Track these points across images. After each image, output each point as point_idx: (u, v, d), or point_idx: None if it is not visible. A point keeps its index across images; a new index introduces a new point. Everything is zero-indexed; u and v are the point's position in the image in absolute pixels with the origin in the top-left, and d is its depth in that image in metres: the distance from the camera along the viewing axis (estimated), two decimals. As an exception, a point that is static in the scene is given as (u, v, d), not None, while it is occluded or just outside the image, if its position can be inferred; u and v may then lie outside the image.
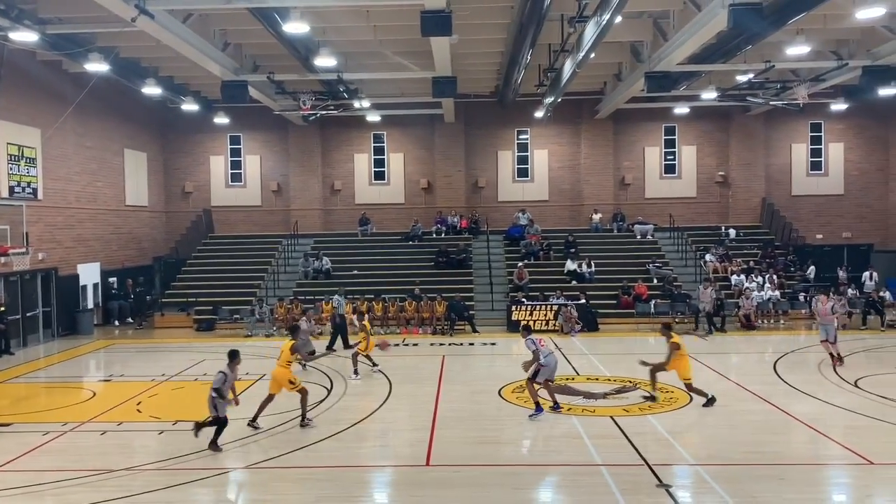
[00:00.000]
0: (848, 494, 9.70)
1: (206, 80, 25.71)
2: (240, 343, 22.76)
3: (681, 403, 14.19)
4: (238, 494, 10.23)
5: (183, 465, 10.80)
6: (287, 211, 33.43)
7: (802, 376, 16.46)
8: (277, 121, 31.76)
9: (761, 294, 25.47)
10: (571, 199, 33.37)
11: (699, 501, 9.42)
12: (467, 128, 33.12)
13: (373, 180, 33.82)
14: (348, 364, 18.92)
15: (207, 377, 17.39)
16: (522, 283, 26.66)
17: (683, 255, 29.56)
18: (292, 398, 14.89)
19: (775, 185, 33.11)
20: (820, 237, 32.77)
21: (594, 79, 29.06)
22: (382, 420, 13.50)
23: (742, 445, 11.52)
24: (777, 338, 22.85)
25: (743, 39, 19.05)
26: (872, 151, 32.89)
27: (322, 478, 10.26)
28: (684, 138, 33.24)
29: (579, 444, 11.67)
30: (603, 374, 17.29)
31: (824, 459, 11.07)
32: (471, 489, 9.74)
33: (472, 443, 11.88)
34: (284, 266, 29.65)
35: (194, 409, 14.17)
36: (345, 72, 23.57)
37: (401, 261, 29.64)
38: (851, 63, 22.61)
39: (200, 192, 33.74)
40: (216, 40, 21.28)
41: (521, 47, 20.11)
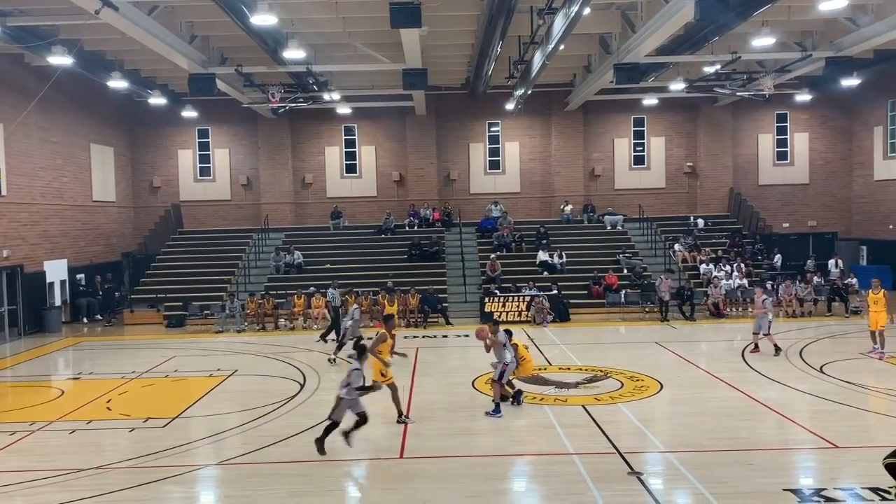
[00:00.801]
0: (814, 478, 9.91)
1: (174, 73, 25.41)
2: (210, 339, 22.72)
3: (651, 392, 14.38)
4: (210, 491, 10.17)
5: (155, 463, 10.71)
6: (257, 205, 33.16)
7: (770, 363, 16.76)
8: (246, 114, 31.46)
9: (729, 283, 25.83)
10: (543, 191, 33.54)
11: (670, 488, 9.55)
12: (439, 120, 33.10)
13: (344, 173, 33.67)
14: (323, 358, 18.90)
15: (178, 373, 17.35)
16: (495, 275, 26.77)
17: (653, 246, 29.87)
18: (269, 394, 14.86)
19: (742, 175, 33.57)
20: (786, 226, 33.32)
21: (564, 71, 29.20)
22: (356, 413, 13.46)
23: (711, 432, 11.71)
24: (745, 325, 23.12)
25: (710, 31, 19.26)
26: (836, 141, 33.47)
27: (296, 473, 10.24)
28: (653, 129, 33.55)
29: (552, 434, 11.78)
30: (575, 363, 17.44)
31: (791, 444, 11.29)
32: (444, 481, 9.78)
33: (445, 434, 11.93)
34: (255, 261, 29.45)
35: (165, 406, 14.09)
36: (314, 64, 23.42)
37: (374, 254, 29.58)
38: (815, 54, 22.97)
39: (169, 187, 33.34)
40: (183, 33, 21.01)
41: (491, 39, 20.13)
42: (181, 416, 13.39)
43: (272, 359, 19.04)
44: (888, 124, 30.69)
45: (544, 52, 20.20)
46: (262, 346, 20.99)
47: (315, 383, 15.83)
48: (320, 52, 23.91)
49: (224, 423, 12.75)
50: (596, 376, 15.78)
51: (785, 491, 9.05)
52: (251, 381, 16.53)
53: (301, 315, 24.52)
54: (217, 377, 16.73)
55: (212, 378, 16.66)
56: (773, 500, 8.81)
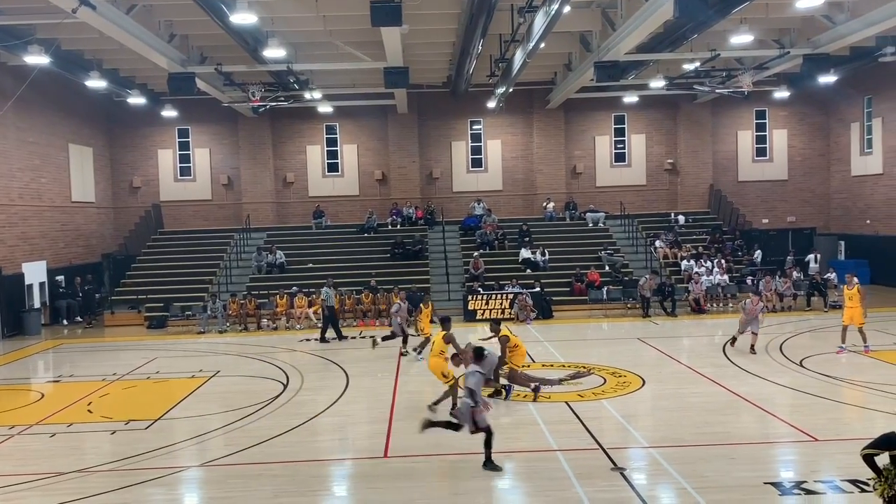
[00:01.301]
0: (795, 470, 10.02)
1: (153, 73, 25.19)
2: (192, 340, 22.58)
3: (634, 387, 14.47)
4: (194, 493, 10.11)
5: (137, 465, 10.63)
6: (238, 204, 32.98)
7: (750, 358, 16.91)
8: (227, 113, 31.28)
9: (710, 278, 26.03)
10: (525, 189, 33.62)
11: (653, 483, 9.63)
12: (421, 118, 33.08)
13: (326, 172, 33.56)
14: (306, 358, 18.89)
15: (160, 375, 17.24)
16: (478, 273, 26.80)
17: (634, 242, 30.04)
18: (252, 395, 14.80)
19: (722, 172, 33.83)
20: (766, 222, 33.64)
21: (545, 69, 29.28)
22: (340, 413, 13.47)
23: (693, 427, 11.81)
24: (726, 321, 23.37)
25: (689, 28, 19.41)
26: (814, 138, 33.83)
27: (279, 473, 10.20)
28: (634, 127, 33.73)
29: (536, 431, 11.82)
30: (558, 360, 17.52)
31: (772, 438, 11.41)
32: (429, 479, 9.80)
33: (430, 433, 11.89)
34: (237, 261, 29.29)
35: (147, 408, 13.99)
36: (294, 62, 23.31)
37: (356, 253, 29.52)
38: (793, 51, 23.20)
39: (149, 187, 33.07)
40: (161, 31, 20.85)
41: (472, 37, 20.13)
42: (163, 418, 13.30)
43: (255, 359, 18.96)
44: (864, 121, 31.06)
45: (525, 50, 20.25)
46: (244, 347, 20.89)
47: (298, 383, 15.78)
48: (301, 50, 23.81)
49: (207, 425, 12.67)
50: (579, 373, 15.81)
51: (766, 484, 9.15)
52: (234, 381, 16.45)
53: (283, 315, 24.42)
54: (199, 378, 16.63)
55: (194, 379, 16.56)
56: (755, 494, 8.91)
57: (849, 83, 29.46)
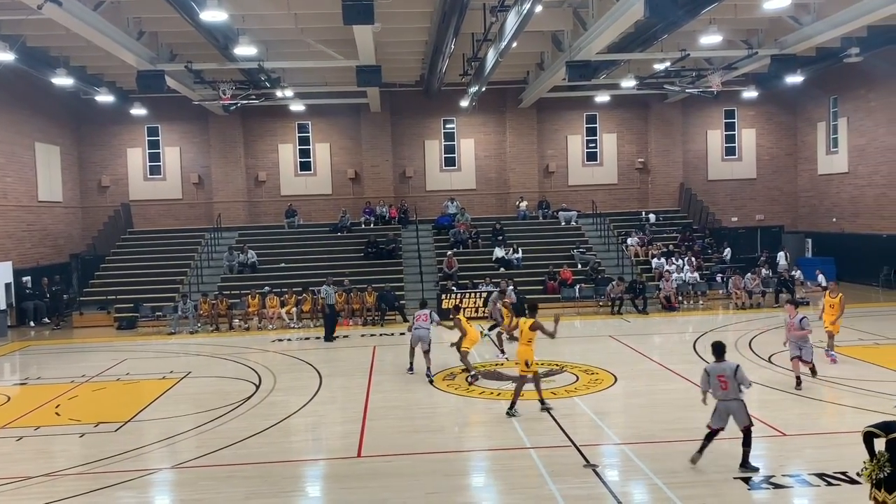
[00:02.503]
0: (764, 465, 10.13)
1: (121, 70, 24.83)
2: (163, 341, 22.34)
3: (606, 385, 14.58)
4: (165, 495, 10.00)
5: (107, 468, 10.49)
6: (209, 204, 32.66)
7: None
8: (197, 111, 30.94)
9: (681, 276, 26.32)
10: (498, 188, 33.71)
11: (625, 479, 9.71)
12: (394, 117, 33.01)
13: (298, 171, 33.36)
14: (278, 358, 18.79)
15: (130, 376, 17.02)
16: (452, 272, 26.83)
17: (606, 241, 30.27)
18: (224, 396, 14.67)
19: (692, 171, 34.21)
20: (735, 220, 34.09)
21: (517, 68, 29.38)
22: (312, 414, 13.40)
23: (664, 423, 11.94)
24: (696, 318, 23.69)
25: (659, 28, 19.60)
26: (782, 137, 34.33)
27: (251, 474, 10.13)
28: (605, 126, 33.98)
29: (509, 429, 11.86)
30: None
31: (741, 433, 11.54)
32: (402, 478, 9.79)
33: (403, 432, 11.93)
34: (208, 260, 29.00)
35: (117, 410, 13.82)
36: (266, 60, 23.15)
37: (329, 252, 29.40)
38: (761, 52, 23.52)
39: (118, 186, 32.62)
40: (130, 29, 20.58)
41: (444, 36, 20.15)
42: (133, 420, 13.15)
43: (227, 360, 18.79)
44: (830, 120, 31.60)
45: (497, 49, 20.31)
46: (216, 348, 20.70)
47: (270, 384, 15.67)
48: (272, 48, 23.64)
49: (178, 426, 12.55)
50: (552, 370, 15.94)
51: (736, 479, 9.28)
52: (205, 382, 16.30)
53: (255, 315, 24.24)
54: (170, 379, 16.46)
55: (165, 380, 16.38)
56: (725, 488, 9.03)
57: (815, 83, 29.99)
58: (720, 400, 9.78)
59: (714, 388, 9.80)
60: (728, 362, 9.90)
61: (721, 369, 9.82)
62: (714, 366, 9.93)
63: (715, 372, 9.83)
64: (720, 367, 9.86)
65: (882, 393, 12.51)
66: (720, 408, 9.79)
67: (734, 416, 9.70)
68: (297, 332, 22.96)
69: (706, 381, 9.93)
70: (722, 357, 9.98)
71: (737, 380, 9.67)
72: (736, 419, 9.69)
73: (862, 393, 13.06)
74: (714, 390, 9.80)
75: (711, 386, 9.85)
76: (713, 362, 10.02)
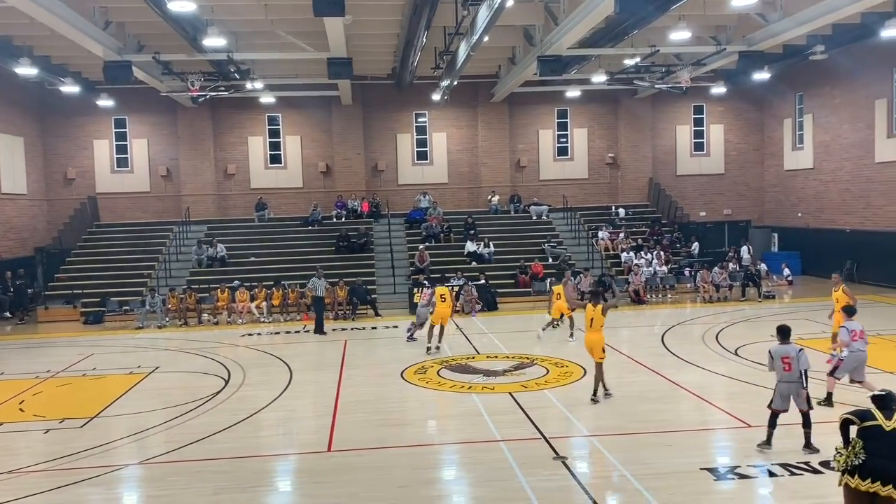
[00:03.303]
0: (729, 456, 10.32)
1: (87, 60, 24.41)
2: (130, 335, 22.06)
3: (576, 377, 14.70)
4: (132, 491, 9.89)
5: (72, 465, 10.34)
6: (178, 197, 32.26)
7: (688, 347, 17.36)
8: (165, 102, 30.51)
9: (649, 270, 26.60)
10: (470, 182, 33.74)
11: (594, 471, 9.82)
12: (365, 110, 32.85)
13: (269, 164, 33.07)
14: (248, 353, 18.67)
15: (96, 371, 16.79)
16: (424, 266, 26.82)
17: (576, 235, 30.49)
18: (192, 391, 14.54)
19: (661, 166, 34.54)
20: (703, 214, 34.50)
21: (489, 62, 29.41)
22: (282, 408, 13.33)
23: (633, 415, 12.06)
24: (665, 311, 23.98)
25: (629, 24, 19.75)
26: (749, 133, 34.80)
27: (220, 470, 10.05)
28: (576, 121, 34.16)
29: (480, 422, 11.91)
30: (502, 351, 17.68)
31: (708, 425, 11.76)
32: (373, 472, 9.79)
33: (374, 426, 11.92)
34: (177, 254, 28.68)
35: (83, 406, 13.62)
36: (235, 52, 22.88)
37: (300, 246, 29.23)
38: (729, 48, 23.80)
39: (84, 179, 32.06)
40: (97, 18, 20.19)
41: (416, 29, 20.11)
42: (100, 416, 12.98)
43: (195, 355, 18.61)
44: (796, 117, 32.10)
45: (469, 43, 20.29)
46: (184, 342, 20.49)
47: (240, 379, 15.55)
48: (242, 39, 23.39)
49: (145, 422, 12.41)
50: (523, 364, 16.03)
51: (702, 470, 9.42)
52: (173, 377, 16.15)
53: (225, 310, 24.03)
54: (137, 374, 16.26)
55: (132, 375, 16.18)
56: (691, 479, 9.16)
57: (782, 80, 30.43)
58: (783, 382, 9.92)
59: (778, 369, 9.95)
60: (792, 344, 10.08)
61: (785, 351, 9.98)
62: (779, 347, 10.09)
63: (779, 354, 9.99)
64: (784, 349, 10.01)
65: (846, 385, 12.75)
66: (782, 389, 9.94)
67: (794, 398, 9.87)
68: (268, 327, 22.82)
69: (771, 363, 10.10)
70: (787, 339, 10.15)
71: (800, 362, 9.84)
72: (796, 402, 9.87)
73: (825, 384, 13.29)
74: (778, 372, 9.96)
75: (775, 367, 9.99)
76: (777, 344, 10.17)
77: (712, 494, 8.81)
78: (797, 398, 9.89)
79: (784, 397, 9.94)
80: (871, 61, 26.22)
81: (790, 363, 9.87)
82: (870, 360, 14.13)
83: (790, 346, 10.06)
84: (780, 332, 10.32)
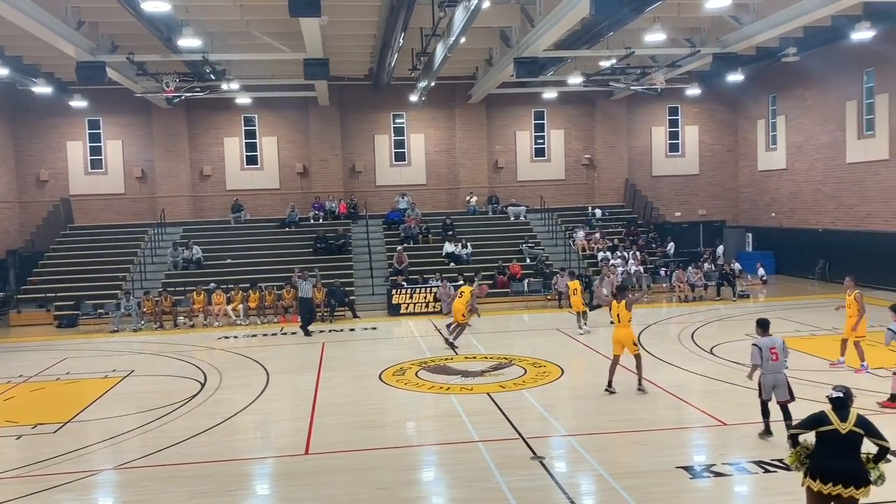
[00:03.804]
0: (705, 454, 10.43)
1: (60, 61, 24.05)
2: (105, 339, 21.81)
3: (553, 377, 14.77)
4: (107, 497, 9.78)
5: (45, 471, 10.21)
6: (153, 198, 31.94)
7: (664, 346, 17.51)
8: (140, 103, 30.20)
9: (626, 269, 26.77)
10: (448, 183, 33.76)
11: (571, 470, 9.87)
12: (342, 111, 32.74)
13: (245, 165, 32.84)
14: (225, 356, 18.54)
15: (70, 376, 16.59)
16: (402, 267, 26.79)
17: (554, 235, 30.63)
18: (168, 395, 14.40)
19: (637, 167, 34.79)
20: (678, 215, 34.80)
21: (466, 63, 29.45)
22: (259, 412, 13.25)
23: (610, 414, 12.15)
24: (641, 311, 24.05)
25: (605, 26, 19.89)
26: (724, 134, 35.17)
27: (196, 474, 9.97)
28: (553, 123, 34.31)
29: (458, 423, 11.92)
30: (480, 352, 17.71)
31: (684, 423, 11.86)
32: (351, 474, 9.76)
33: (352, 428, 11.89)
34: (152, 257, 28.39)
35: (56, 411, 13.45)
36: (211, 52, 22.68)
37: (277, 248, 29.07)
38: (703, 50, 24.05)
39: (57, 181, 31.63)
40: (69, 18, 19.92)
41: (393, 30, 20.09)
42: (74, 421, 12.82)
43: (171, 358, 18.44)
44: (769, 118, 32.52)
45: (446, 44, 20.30)
46: (160, 346, 20.30)
47: (216, 382, 15.43)
48: (217, 40, 23.20)
49: (120, 426, 12.27)
50: (501, 364, 16.08)
51: (678, 468, 9.51)
52: (149, 381, 15.97)
53: (201, 312, 23.83)
54: (113, 378, 16.08)
55: (107, 380, 16.00)
56: (668, 477, 9.24)
57: (755, 82, 30.80)
58: (769, 373, 10.29)
59: (766, 360, 10.28)
60: (774, 336, 10.56)
61: (772, 342, 10.40)
62: (764, 339, 10.45)
63: (767, 345, 10.35)
64: (771, 341, 10.44)
65: (818, 382, 12.94)
66: (768, 380, 10.31)
67: (778, 388, 10.25)
68: (244, 329, 22.66)
69: (758, 355, 10.34)
70: (767, 331, 10.60)
71: (784, 352, 10.33)
72: (777, 392, 10.25)
73: (799, 382, 13.42)
74: (765, 363, 10.29)
75: (763, 359, 10.29)
76: (759, 337, 10.54)
77: (688, 493, 8.89)
78: (780, 388, 10.23)
79: (770, 388, 10.31)
80: (842, 63, 26.63)
81: (777, 354, 10.28)
82: (839, 358, 14.37)
83: (775, 338, 10.50)
84: (761, 324, 10.74)
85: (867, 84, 26.36)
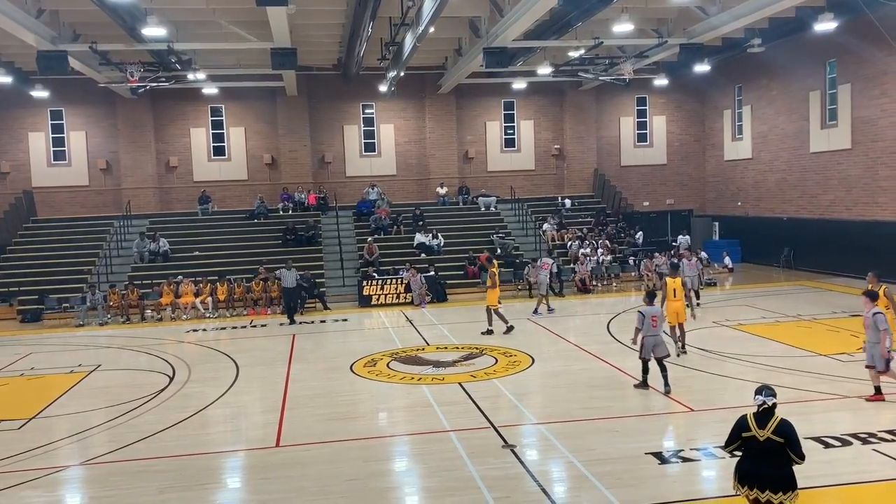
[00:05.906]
0: (674, 440, 10.59)
1: (20, 50, 23.55)
2: (70, 333, 21.47)
3: (524, 366, 14.86)
4: (75, 493, 9.64)
5: (10, 468, 10.03)
6: (118, 190, 31.42)
7: (632, 334, 17.63)
8: (104, 94, 29.66)
9: (595, 259, 26.99)
10: (418, 174, 33.69)
11: (543, 458, 9.94)
12: (311, 101, 32.45)
13: (212, 156, 32.45)
14: (193, 349, 18.36)
15: (35, 371, 16.31)
16: (373, 258, 26.71)
17: (524, 226, 30.75)
18: (136, 388, 14.24)
19: (606, 157, 35.03)
20: (646, 204, 35.12)
21: (435, 53, 29.36)
22: (229, 405, 13.15)
23: (580, 402, 12.27)
24: (610, 300, 24.38)
25: (573, 16, 19.95)
26: (691, 124, 35.54)
27: (165, 468, 9.87)
28: (522, 113, 34.38)
29: (429, 413, 11.96)
30: (452, 342, 17.75)
31: (653, 410, 11.99)
32: (322, 466, 9.74)
33: (323, 420, 11.86)
34: (118, 249, 27.97)
35: (21, 407, 13.23)
36: (176, 42, 22.34)
37: (246, 240, 28.80)
38: (670, 41, 24.26)
39: (19, 173, 30.97)
40: (28, 6, 19.48)
41: (361, 19, 19.94)
42: (39, 417, 12.61)
43: (139, 352, 18.22)
44: (735, 108, 32.92)
45: (415, 34, 20.24)
46: (127, 339, 20.03)
47: (185, 375, 15.28)
48: (183, 29, 22.86)
49: (87, 422, 12.11)
50: (472, 354, 16.14)
51: (647, 454, 9.63)
52: (116, 375, 15.77)
53: (169, 306, 23.55)
54: (78, 373, 15.84)
55: (73, 374, 15.76)
56: (638, 464, 9.36)
57: (721, 72, 31.12)
58: (650, 336, 12.36)
59: (646, 326, 12.35)
60: (655, 307, 12.84)
61: (654, 311, 12.58)
62: (647, 308, 12.61)
63: (650, 313, 12.45)
64: (653, 310, 12.63)
65: (783, 368, 13.19)
66: (648, 342, 12.38)
67: (657, 347, 12.35)
68: (213, 322, 22.46)
69: (641, 321, 12.41)
70: (652, 302, 12.90)
71: (662, 318, 12.85)
72: (657, 351, 12.35)
73: (764, 368, 13.73)
74: (646, 329, 12.35)
75: (645, 325, 12.34)
76: (645, 306, 12.72)
77: (658, 478, 9.01)
78: (659, 347, 12.34)
79: (650, 348, 12.34)
80: (806, 54, 27.04)
81: (656, 321, 12.42)
82: (802, 344, 14.56)
83: (655, 307, 12.79)
84: (649, 295, 13.10)
85: (830, 75, 26.80)
